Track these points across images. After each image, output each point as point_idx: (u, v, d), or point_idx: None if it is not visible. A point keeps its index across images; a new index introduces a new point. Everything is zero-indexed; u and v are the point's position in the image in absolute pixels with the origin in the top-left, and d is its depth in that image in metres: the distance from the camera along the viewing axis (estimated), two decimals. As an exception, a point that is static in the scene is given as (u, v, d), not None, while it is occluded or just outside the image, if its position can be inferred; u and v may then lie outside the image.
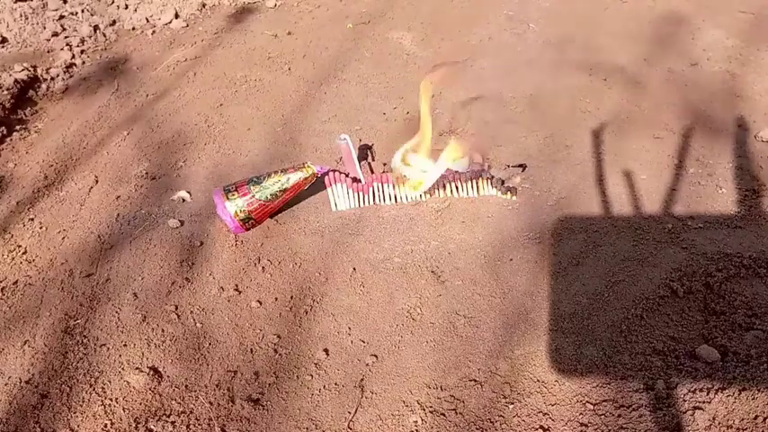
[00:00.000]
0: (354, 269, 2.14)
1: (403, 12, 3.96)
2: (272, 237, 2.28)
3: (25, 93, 3.14)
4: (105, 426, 1.65)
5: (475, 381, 1.75)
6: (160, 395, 1.73)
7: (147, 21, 3.87)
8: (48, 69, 3.32)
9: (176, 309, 1.99)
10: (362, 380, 1.78)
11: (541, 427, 1.63)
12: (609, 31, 3.62)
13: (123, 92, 3.20)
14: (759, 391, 1.62)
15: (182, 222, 2.34)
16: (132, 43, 3.67)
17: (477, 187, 2.43)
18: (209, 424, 1.66)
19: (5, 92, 3.03)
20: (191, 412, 1.69)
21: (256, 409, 1.70)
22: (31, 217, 2.38)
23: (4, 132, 2.83)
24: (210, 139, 2.81)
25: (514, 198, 2.42)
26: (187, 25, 3.86)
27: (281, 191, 2.26)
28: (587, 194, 2.43)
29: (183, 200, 2.46)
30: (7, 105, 2.97)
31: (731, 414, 1.59)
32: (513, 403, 1.69)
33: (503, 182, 2.42)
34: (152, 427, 1.65)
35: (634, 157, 2.61)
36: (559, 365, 1.77)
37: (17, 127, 2.91)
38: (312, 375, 1.79)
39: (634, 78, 3.17)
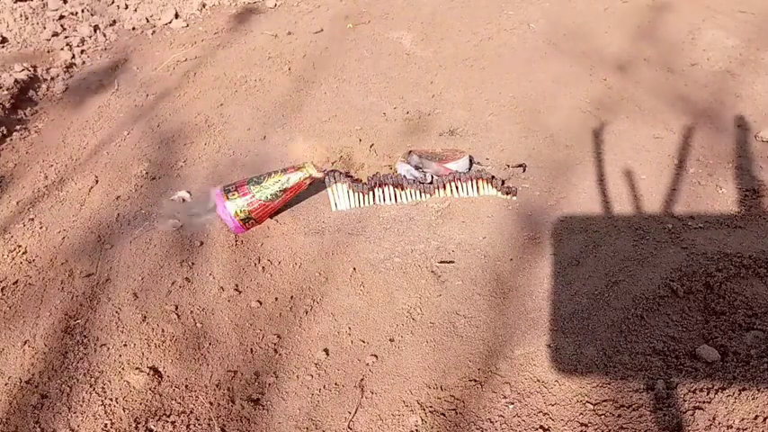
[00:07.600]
0: (354, 269, 2.14)
1: (403, 12, 3.96)
2: (272, 237, 2.28)
3: (25, 93, 3.14)
4: (105, 426, 1.65)
5: (475, 381, 1.75)
6: (160, 395, 1.73)
7: (147, 21, 3.88)
8: (48, 69, 3.32)
9: (176, 309, 1.99)
10: (362, 380, 1.78)
11: (541, 427, 1.63)
12: (608, 31, 3.62)
13: (123, 92, 3.20)
14: (759, 391, 1.62)
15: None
16: (132, 43, 3.67)
17: (477, 187, 2.43)
18: (209, 424, 1.66)
19: (5, 92, 3.03)
20: (191, 412, 1.69)
21: (256, 409, 1.70)
22: (31, 217, 2.38)
23: (4, 132, 2.83)
24: (210, 139, 2.81)
25: (514, 198, 2.42)
26: (187, 25, 3.86)
27: (281, 191, 2.26)
28: (587, 194, 2.43)
29: (183, 200, 2.46)
30: (7, 105, 2.97)
31: (731, 414, 1.59)
32: (513, 403, 1.69)
33: (503, 182, 2.42)
34: (152, 427, 1.65)
35: (634, 158, 2.61)
36: (559, 365, 1.77)
37: (17, 127, 2.91)
38: (312, 375, 1.79)
39: (634, 78, 3.17)
